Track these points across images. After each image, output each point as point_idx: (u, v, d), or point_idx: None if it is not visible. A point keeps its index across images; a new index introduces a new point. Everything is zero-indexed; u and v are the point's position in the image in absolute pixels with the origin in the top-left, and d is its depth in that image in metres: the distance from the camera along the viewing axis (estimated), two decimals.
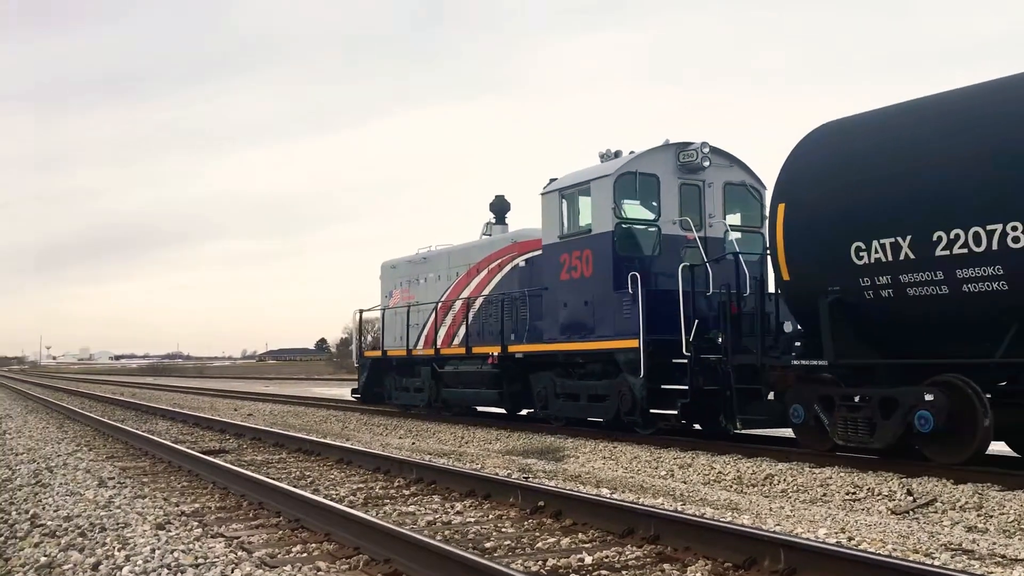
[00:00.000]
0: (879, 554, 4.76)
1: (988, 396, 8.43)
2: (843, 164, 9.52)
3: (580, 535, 5.93)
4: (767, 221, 11.00)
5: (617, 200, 12.50)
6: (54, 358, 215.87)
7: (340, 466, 10.02)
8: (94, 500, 7.60)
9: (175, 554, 5.40)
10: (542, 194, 13.84)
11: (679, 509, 6.70)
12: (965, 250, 8.16)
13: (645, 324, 11.59)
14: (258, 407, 22.68)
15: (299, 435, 13.11)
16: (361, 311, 19.84)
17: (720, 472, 9.45)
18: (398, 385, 18.40)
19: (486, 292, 15.53)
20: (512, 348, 14.29)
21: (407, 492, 8.00)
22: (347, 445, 11.57)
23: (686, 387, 11.24)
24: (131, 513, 6.91)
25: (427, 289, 17.57)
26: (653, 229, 12.73)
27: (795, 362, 9.98)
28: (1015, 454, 9.52)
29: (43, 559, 5.41)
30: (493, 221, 17.02)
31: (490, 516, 6.73)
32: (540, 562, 5.18)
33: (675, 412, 11.52)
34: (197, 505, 7.43)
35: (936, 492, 7.84)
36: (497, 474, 8.58)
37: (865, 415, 9.23)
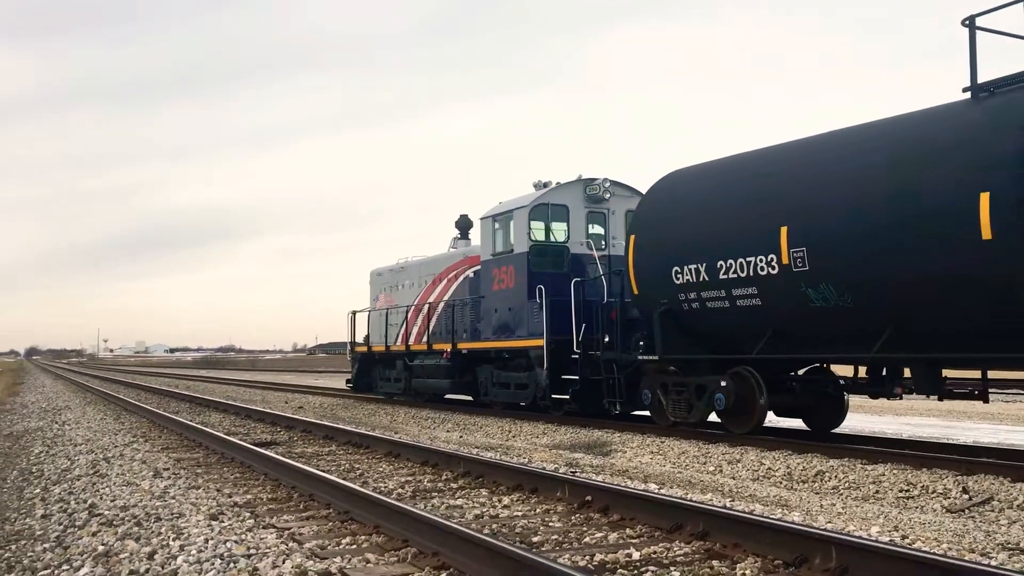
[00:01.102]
0: (934, 553, 4.67)
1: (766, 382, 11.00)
2: (670, 207, 12.34)
3: (628, 530, 5.91)
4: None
5: (532, 226, 15.30)
6: (111, 351, 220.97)
7: (389, 459, 10.11)
8: (150, 490, 7.77)
9: (228, 544, 5.49)
10: (480, 219, 16.67)
11: (728, 505, 6.64)
12: (736, 275, 10.87)
13: (549, 327, 14.37)
14: (308, 400, 22.96)
15: (348, 428, 13.25)
16: (354, 312, 22.66)
17: (770, 468, 9.34)
18: (382, 376, 21.16)
19: (445, 298, 18.17)
20: (460, 345, 17.12)
21: (455, 485, 8.05)
22: (395, 438, 11.67)
23: (577, 377, 14.02)
24: (185, 503, 7.05)
25: (403, 294, 20.30)
26: (563, 249, 15.38)
27: (640, 356, 12.73)
28: (807, 428, 12.11)
29: (100, 548, 5.55)
30: (458, 236, 19.54)
31: (537, 510, 6.73)
32: (588, 557, 5.17)
33: (567, 397, 14.29)
34: (249, 496, 7.55)
35: (993, 490, 7.67)
36: (544, 468, 8.59)
37: (686, 397, 12.19)
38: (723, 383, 11.29)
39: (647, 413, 13.12)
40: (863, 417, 15.75)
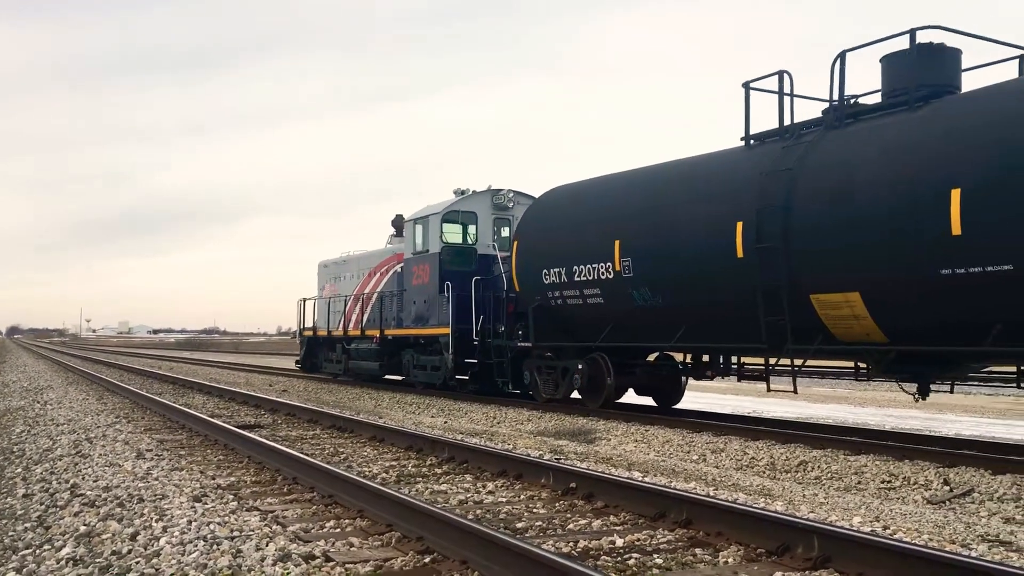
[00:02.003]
0: (914, 543, 4.71)
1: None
2: (544, 219, 14.63)
3: (611, 517, 5.92)
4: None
5: (444, 229, 17.44)
6: (94, 331, 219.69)
7: (373, 443, 10.10)
8: (132, 471, 7.74)
9: (211, 526, 5.47)
10: (404, 221, 19.01)
11: (711, 494, 6.67)
12: (586, 278, 13.23)
13: (454, 317, 16.44)
14: (292, 383, 22.91)
15: (333, 412, 13.23)
16: (304, 299, 24.96)
17: (753, 458, 9.39)
18: (326, 357, 23.52)
19: (378, 290, 20.17)
20: (387, 332, 19.34)
21: (439, 471, 8.05)
22: (380, 423, 11.65)
23: (475, 361, 16.18)
24: (168, 485, 7.02)
25: (345, 285, 22.35)
26: (471, 250, 17.50)
27: (519, 343, 15.11)
28: (654, 403, 14.57)
29: (82, 528, 5.52)
30: (394, 234, 21.26)
31: (522, 496, 6.75)
32: (571, 543, 5.18)
33: (467, 378, 16.51)
34: (233, 479, 7.54)
35: (973, 482, 7.74)
36: (529, 455, 8.60)
37: (554, 377, 14.66)
38: (580, 366, 13.84)
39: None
40: (847, 408, 15.85)
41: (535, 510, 6.23)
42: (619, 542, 5.21)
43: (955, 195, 8.43)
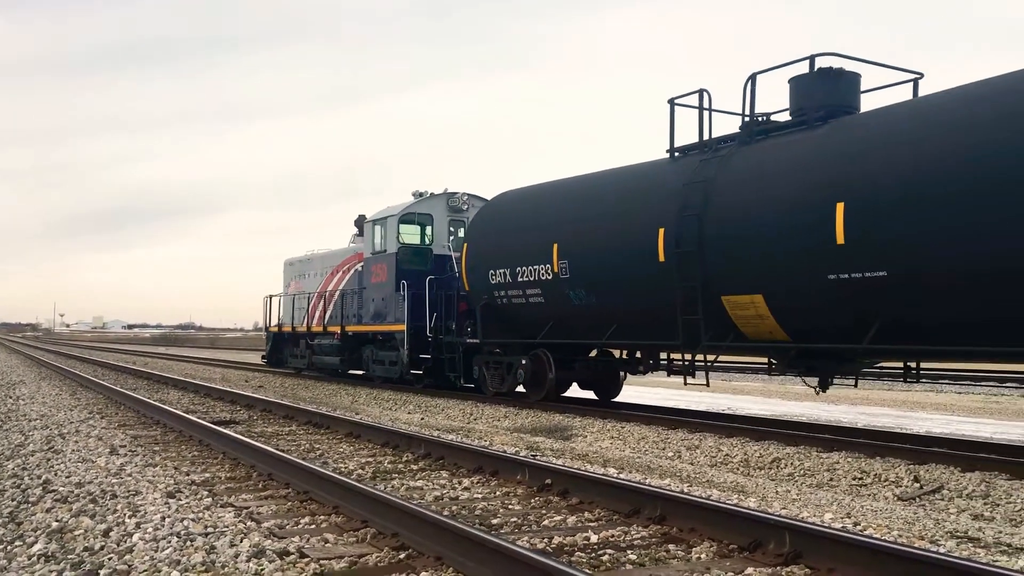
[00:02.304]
0: (884, 540, 4.77)
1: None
2: (491, 223, 15.56)
3: (586, 514, 5.96)
4: None
5: (400, 230, 18.24)
6: (67, 326, 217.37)
7: (349, 440, 10.08)
8: (105, 467, 7.68)
9: (185, 522, 5.45)
10: (364, 222, 19.81)
11: (685, 490, 6.72)
12: (528, 279, 14.11)
13: (409, 315, 17.31)
14: (268, 379, 22.79)
15: (309, 408, 13.19)
16: (270, 296, 25.85)
17: (727, 454, 9.46)
18: (291, 353, 24.41)
19: (340, 288, 20.91)
20: (348, 328, 20.18)
21: (415, 467, 8.05)
22: (357, 419, 11.64)
23: (429, 356, 17.05)
24: (142, 481, 6.98)
25: (309, 282, 23.13)
26: (426, 251, 18.34)
27: (468, 340, 16.04)
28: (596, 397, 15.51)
29: (55, 524, 5.48)
30: (357, 233, 21.83)
31: (497, 493, 6.77)
32: (546, 540, 5.21)
33: (421, 372, 17.32)
34: (207, 475, 7.50)
35: (943, 479, 7.84)
36: (505, 451, 8.63)
37: (500, 372, 15.53)
38: (523, 361, 14.71)
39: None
40: (820, 406, 16.00)
41: (511, 506, 6.25)
42: (593, 538, 5.24)
43: (839, 208, 9.41)
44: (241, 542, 4.97)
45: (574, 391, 15.85)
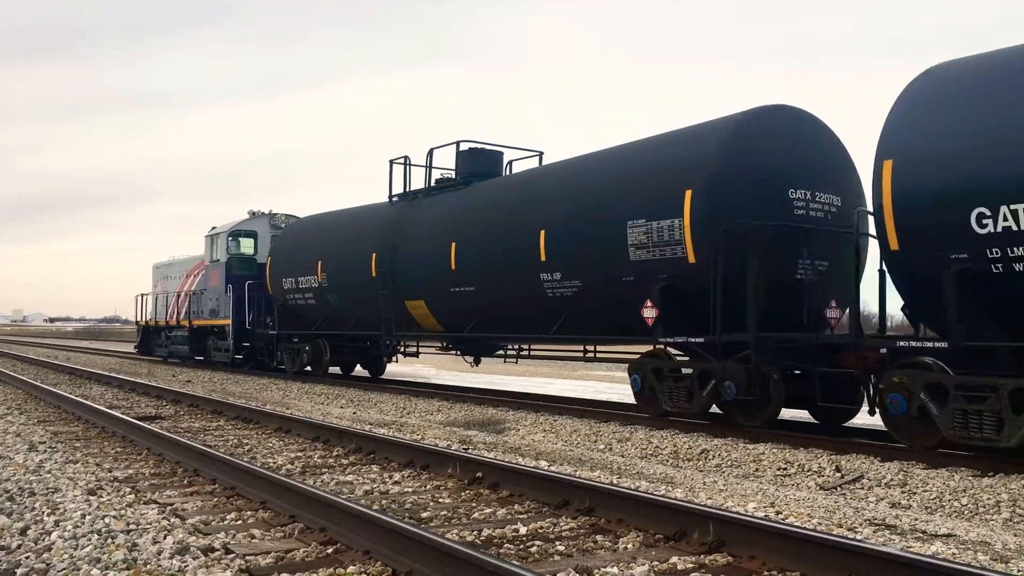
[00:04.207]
0: (804, 527, 4.89)
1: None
2: (286, 241, 20.95)
3: (516, 506, 5.99)
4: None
5: (229, 243, 23.06)
6: None
7: (279, 434, 9.95)
8: (24, 464, 7.45)
9: (106, 520, 5.32)
10: (204, 236, 24.40)
11: (614, 482, 6.79)
12: (306, 286, 19.19)
13: (234, 312, 22.13)
14: (197, 374, 22.36)
15: (238, 403, 12.98)
16: (142, 295, 30.45)
17: (657, 447, 9.60)
18: (156, 343, 28.81)
19: (192, 289, 25.31)
20: (195, 322, 24.97)
21: (345, 462, 7.99)
22: (287, 413, 11.49)
23: (248, 344, 22.02)
24: (62, 478, 6.79)
25: (171, 284, 27.52)
26: (251, 260, 22.84)
27: (270, 332, 20.79)
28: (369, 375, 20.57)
29: None
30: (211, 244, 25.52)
31: (428, 486, 6.76)
32: (475, 532, 5.22)
33: (241, 356, 22.37)
34: (130, 471, 7.34)
35: (863, 469, 8.07)
36: (437, 445, 8.61)
37: (293, 355, 20.09)
38: (307, 348, 19.48)
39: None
40: None
41: (441, 500, 6.25)
42: (523, 530, 5.27)
43: (452, 246, 14.47)
44: (164, 539, 4.88)
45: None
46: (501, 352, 16.28)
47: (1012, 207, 7.48)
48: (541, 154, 15.39)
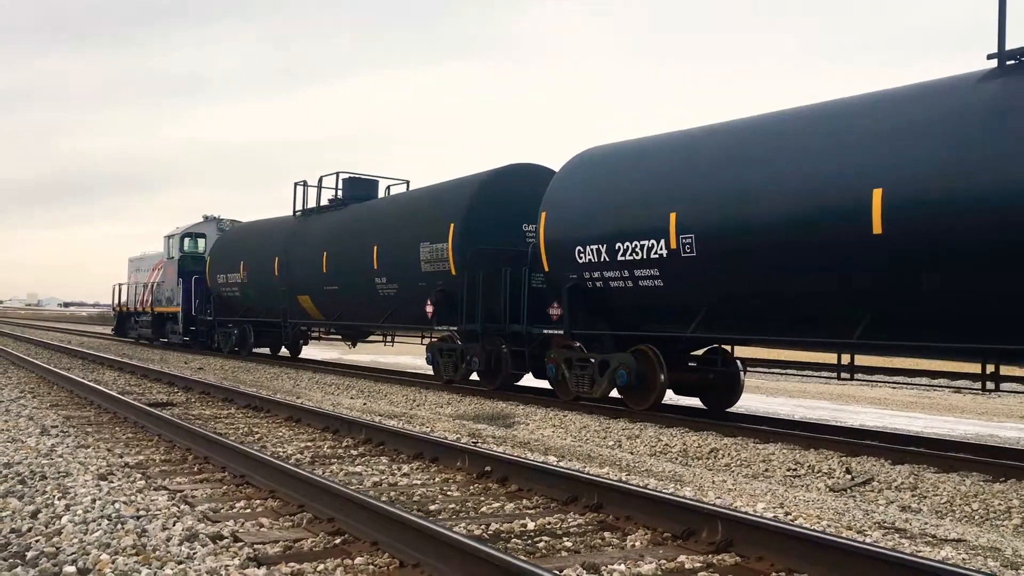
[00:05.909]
0: (813, 529, 4.87)
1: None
2: (225, 242, 25.70)
3: (524, 501, 5.98)
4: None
5: (183, 243, 27.75)
6: (1, 302, 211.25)
7: (289, 424, 9.99)
8: (35, 448, 7.50)
9: (116, 505, 5.35)
10: (163, 236, 29.20)
11: (623, 479, 6.79)
12: (234, 281, 23.97)
13: (183, 301, 26.63)
14: (208, 361, 22.46)
15: (249, 391, 13.03)
16: (118, 284, 34.55)
17: (667, 444, 9.58)
18: (129, 326, 33.60)
19: (157, 281, 29.39)
20: (157, 309, 29.44)
21: (355, 452, 8.01)
22: (297, 403, 11.53)
23: (194, 328, 26.59)
24: (73, 463, 6.84)
25: (141, 275, 31.57)
26: (201, 257, 26.81)
27: (208, 318, 25.45)
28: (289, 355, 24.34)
29: None
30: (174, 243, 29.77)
31: (436, 479, 6.76)
32: (483, 526, 5.22)
33: (188, 338, 26.84)
34: (141, 457, 7.37)
35: (874, 471, 8.04)
36: (446, 438, 8.62)
37: (228, 339, 24.70)
38: (236, 331, 24.11)
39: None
40: (759, 398, 16.27)
41: (449, 493, 6.25)
42: (530, 525, 5.27)
43: (324, 255, 18.78)
44: (174, 526, 4.90)
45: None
46: (373, 337, 21.23)
47: (588, 247, 11.86)
48: (407, 182, 19.56)
